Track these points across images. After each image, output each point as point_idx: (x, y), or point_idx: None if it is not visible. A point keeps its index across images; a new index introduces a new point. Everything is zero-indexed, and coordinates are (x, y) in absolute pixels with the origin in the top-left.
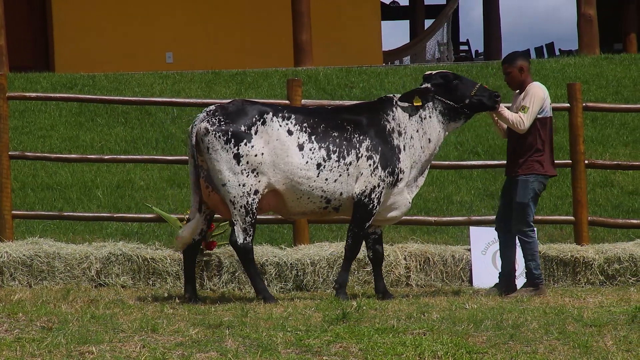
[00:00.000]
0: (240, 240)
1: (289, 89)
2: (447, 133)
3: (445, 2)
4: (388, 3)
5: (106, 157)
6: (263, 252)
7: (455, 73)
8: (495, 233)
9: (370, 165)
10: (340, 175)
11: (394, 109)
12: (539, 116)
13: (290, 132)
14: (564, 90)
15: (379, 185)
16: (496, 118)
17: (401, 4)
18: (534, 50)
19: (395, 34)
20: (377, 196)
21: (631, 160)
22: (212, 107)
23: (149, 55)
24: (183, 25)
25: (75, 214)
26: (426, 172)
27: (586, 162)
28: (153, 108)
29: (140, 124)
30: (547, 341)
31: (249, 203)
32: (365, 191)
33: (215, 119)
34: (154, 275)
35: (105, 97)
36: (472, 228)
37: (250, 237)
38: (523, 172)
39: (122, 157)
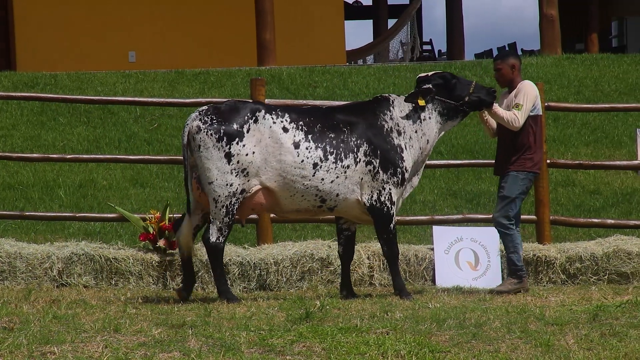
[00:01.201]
0: (213, 238)
1: (253, 89)
2: (442, 133)
3: (408, 2)
4: (351, 3)
5: (68, 156)
6: (226, 252)
7: (452, 73)
8: (458, 232)
9: (370, 170)
10: (337, 177)
11: (391, 108)
12: (530, 114)
13: (285, 130)
14: None
15: (384, 188)
16: (485, 118)
17: (364, 4)
18: (497, 50)
19: (358, 33)
20: (387, 198)
21: (592, 159)
22: (205, 107)
23: (111, 54)
24: (146, 24)
25: (37, 213)
26: (421, 172)
27: (548, 161)
28: (116, 107)
29: (103, 123)
30: (510, 340)
31: (232, 204)
32: (372, 196)
33: (208, 118)
34: (117, 275)
35: (68, 97)
36: (435, 227)
37: (224, 238)
38: (515, 168)
39: (85, 156)
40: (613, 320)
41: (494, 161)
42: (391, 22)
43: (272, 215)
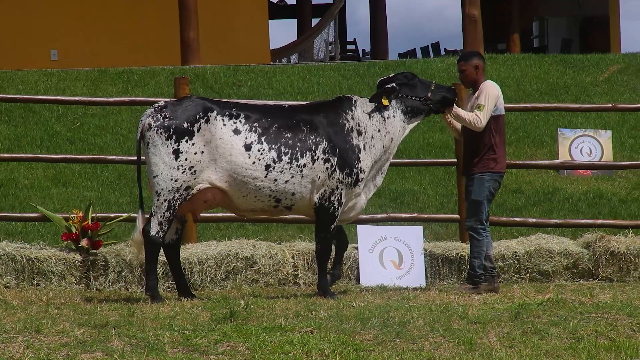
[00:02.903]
0: (152, 232)
1: (176, 88)
2: (407, 131)
3: (332, 1)
4: (275, 2)
5: None
6: None
7: (413, 73)
8: (382, 232)
9: (327, 168)
10: (292, 176)
11: (353, 108)
12: (492, 114)
13: (237, 131)
14: None
15: (337, 188)
16: (449, 119)
17: (288, 3)
18: (420, 50)
19: (282, 32)
20: (337, 198)
21: (514, 159)
22: (160, 103)
23: (33, 53)
24: (68, 22)
25: None
26: (385, 171)
27: None
28: (37, 106)
29: (25, 122)
30: (433, 338)
31: (175, 198)
32: (324, 195)
33: (160, 115)
34: (39, 275)
35: None
36: (359, 226)
37: (163, 233)
38: (479, 170)
39: (6, 155)
40: (534, 318)
41: (413, 160)
42: (315, 21)
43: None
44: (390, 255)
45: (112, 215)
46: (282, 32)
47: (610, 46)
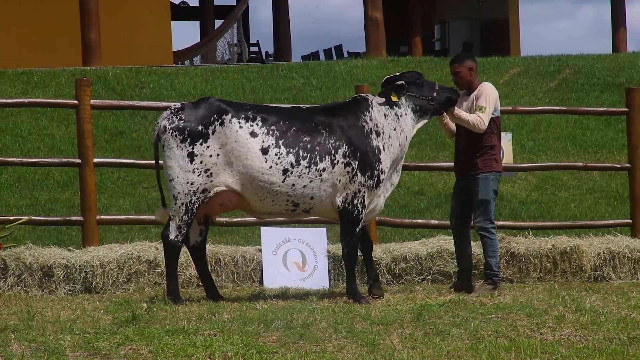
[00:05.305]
0: (172, 236)
1: (77, 89)
2: (415, 131)
3: (235, 3)
4: (178, 3)
5: None
6: (51, 254)
7: (419, 72)
8: (286, 233)
9: (348, 172)
10: (311, 181)
11: (371, 109)
12: (492, 115)
13: (253, 134)
14: (352, 92)
15: (359, 191)
16: (445, 120)
17: (191, 5)
18: (323, 52)
19: (185, 34)
20: (360, 201)
21: (417, 161)
22: (177, 105)
23: None
24: None
25: None
26: (400, 169)
27: None
28: None
29: None
30: (336, 340)
31: (192, 202)
32: (347, 199)
33: (176, 117)
34: None
35: None
36: (263, 228)
37: (182, 237)
38: (483, 170)
39: None
40: (436, 319)
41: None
42: (218, 23)
43: (98, 217)
44: (293, 257)
45: (11, 218)
46: (185, 33)
47: (510, 49)
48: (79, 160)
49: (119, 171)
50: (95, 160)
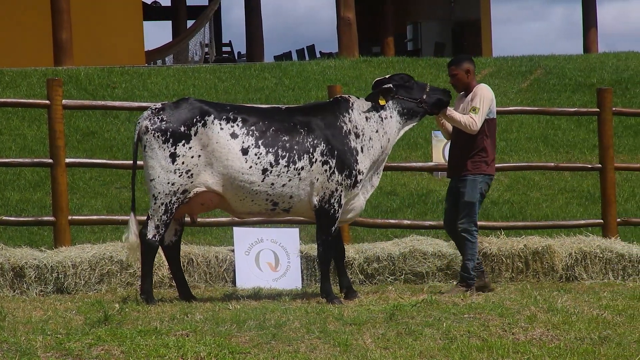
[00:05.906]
0: (149, 235)
1: (49, 89)
2: (402, 133)
3: (207, 3)
4: (150, 3)
5: None
6: (22, 255)
7: (409, 75)
8: (258, 234)
9: (326, 170)
10: (289, 180)
11: (351, 110)
12: (486, 117)
13: (234, 135)
14: (325, 92)
15: (337, 190)
16: (442, 121)
17: (163, 5)
18: (296, 52)
19: (157, 34)
20: (336, 200)
21: (389, 161)
22: (158, 105)
23: None
24: None
25: None
26: (381, 171)
27: None
28: None
29: None
30: (309, 340)
31: (172, 202)
32: (324, 197)
33: (157, 118)
34: None
35: None
36: (235, 229)
37: (160, 236)
38: (472, 171)
39: None
40: (409, 319)
41: None
42: (190, 23)
43: (69, 217)
44: (266, 258)
45: None
46: (157, 33)
47: (482, 50)
48: (50, 161)
49: (91, 171)
50: (67, 160)
